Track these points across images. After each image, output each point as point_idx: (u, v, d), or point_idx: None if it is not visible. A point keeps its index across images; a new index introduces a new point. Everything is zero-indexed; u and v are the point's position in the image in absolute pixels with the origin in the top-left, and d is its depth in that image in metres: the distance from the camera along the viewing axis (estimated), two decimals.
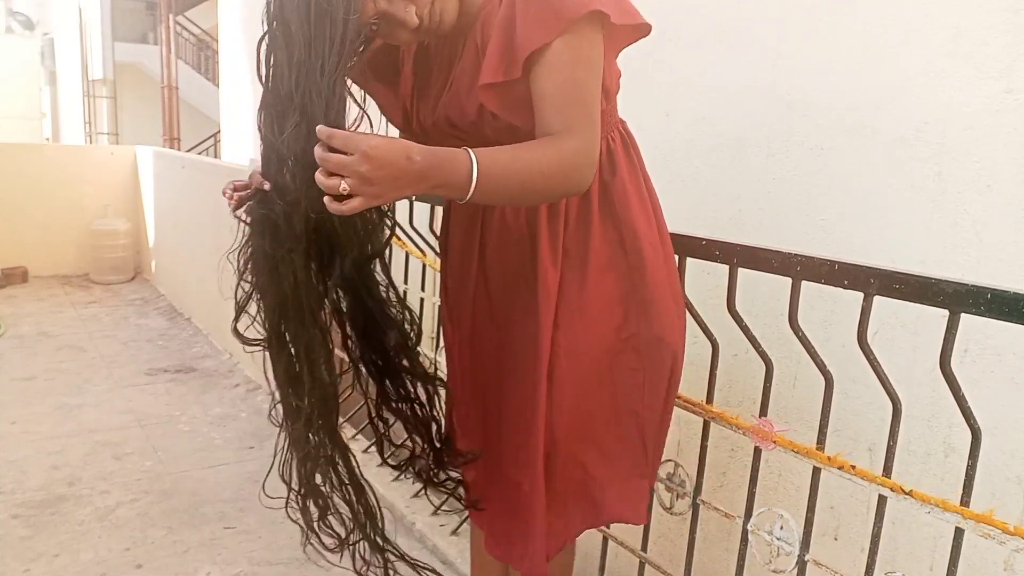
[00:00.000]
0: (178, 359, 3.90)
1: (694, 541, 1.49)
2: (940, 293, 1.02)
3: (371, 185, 0.87)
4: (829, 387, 1.24)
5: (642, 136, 1.26)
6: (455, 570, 2.04)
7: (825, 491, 1.34)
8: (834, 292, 1.16)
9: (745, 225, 1.78)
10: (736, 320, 1.34)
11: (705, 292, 1.53)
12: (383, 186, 0.88)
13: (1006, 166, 1.36)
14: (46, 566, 2.02)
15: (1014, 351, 1.36)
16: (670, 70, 1.95)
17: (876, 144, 1.54)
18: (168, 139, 7.63)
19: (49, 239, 5.58)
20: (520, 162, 0.97)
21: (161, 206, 5.31)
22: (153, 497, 2.39)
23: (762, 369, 1.33)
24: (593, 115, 1.04)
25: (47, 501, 2.35)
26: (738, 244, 1.28)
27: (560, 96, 1.01)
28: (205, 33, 13.43)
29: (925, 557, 1.49)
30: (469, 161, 0.92)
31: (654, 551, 1.68)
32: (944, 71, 1.43)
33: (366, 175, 0.86)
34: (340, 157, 0.86)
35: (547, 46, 1.00)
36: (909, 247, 1.50)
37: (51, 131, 15.63)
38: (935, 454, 1.47)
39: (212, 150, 12.00)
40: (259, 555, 2.08)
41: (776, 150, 1.71)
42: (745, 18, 1.77)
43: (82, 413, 3.10)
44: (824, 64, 1.62)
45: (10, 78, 12.95)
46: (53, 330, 4.29)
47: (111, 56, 12.32)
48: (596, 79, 1.05)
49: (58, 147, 8.37)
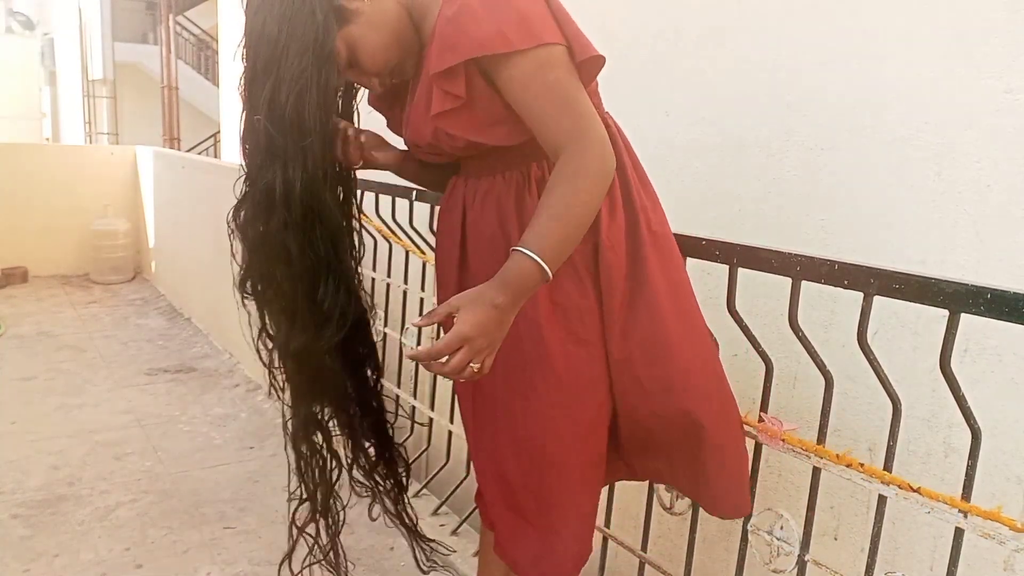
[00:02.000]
0: (178, 359, 3.90)
1: (694, 541, 1.49)
2: (940, 293, 1.02)
3: (489, 346, 0.98)
4: (829, 387, 1.24)
5: (642, 136, 1.26)
6: (455, 570, 2.04)
7: (825, 491, 1.34)
8: (834, 292, 1.16)
9: (745, 225, 1.78)
10: (736, 320, 1.33)
11: (705, 292, 1.53)
12: (492, 337, 0.98)
13: (1006, 166, 1.36)
14: (46, 566, 2.01)
15: (1014, 351, 1.36)
16: (670, 70, 1.95)
17: (876, 144, 1.54)
18: (168, 139, 7.63)
19: (49, 239, 5.58)
20: (562, 215, 1.01)
21: (161, 206, 5.31)
22: (153, 497, 2.39)
23: (762, 369, 1.33)
24: (581, 114, 1.05)
25: (47, 501, 2.35)
26: (738, 244, 1.28)
27: (544, 107, 1.04)
28: (205, 33, 13.43)
29: (925, 557, 1.49)
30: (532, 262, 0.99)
31: (654, 551, 1.68)
32: (944, 71, 1.43)
33: (482, 347, 0.97)
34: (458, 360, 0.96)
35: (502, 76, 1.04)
36: (909, 247, 1.50)
37: (51, 131, 15.62)
38: (935, 454, 1.47)
39: (212, 150, 12.00)
40: (259, 555, 2.08)
41: (776, 150, 1.71)
42: (745, 18, 1.77)
43: (82, 413, 3.10)
44: (824, 64, 1.62)
45: (10, 78, 12.95)
46: (53, 330, 4.29)
47: (111, 56, 12.31)
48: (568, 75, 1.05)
49: (58, 147, 8.37)
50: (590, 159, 1.03)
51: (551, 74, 1.03)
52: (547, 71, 1.03)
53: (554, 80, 1.04)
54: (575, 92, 1.05)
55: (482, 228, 1.20)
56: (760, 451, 1.35)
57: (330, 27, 1.06)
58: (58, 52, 14.76)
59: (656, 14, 1.98)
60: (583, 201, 1.02)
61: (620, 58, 2.19)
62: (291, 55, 1.05)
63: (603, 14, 2.08)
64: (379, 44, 1.11)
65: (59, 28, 14.44)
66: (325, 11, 1.06)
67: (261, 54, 1.08)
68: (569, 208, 1.01)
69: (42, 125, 14.44)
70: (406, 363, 2.53)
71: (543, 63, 1.03)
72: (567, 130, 1.03)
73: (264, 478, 2.58)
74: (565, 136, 1.03)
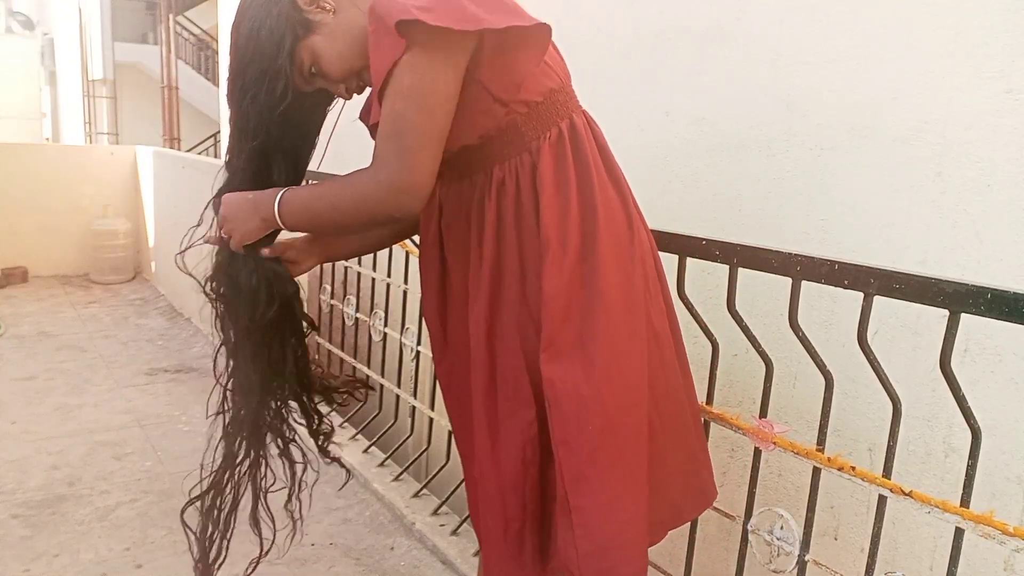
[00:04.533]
0: (178, 359, 3.90)
1: (694, 541, 1.49)
2: (940, 293, 1.02)
3: (228, 223, 1.22)
4: (829, 387, 1.24)
5: (642, 136, 1.26)
6: (455, 570, 2.04)
7: (825, 491, 1.34)
8: (834, 292, 1.16)
9: (745, 225, 1.78)
10: (736, 320, 1.34)
11: (705, 292, 1.53)
12: (236, 222, 1.21)
13: (1006, 166, 1.36)
14: (46, 566, 2.01)
15: (1014, 351, 1.36)
16: (670, 70, 1.95)
17: (876, 144, 1.54)
18: (168, 139, 7.64)
19: (49, 239, 5.58)
20: (317, 197, 1.15)
21: (161, 206, 5.31)
22: (153, 497, 2.39)
23: (762, 369, 1.33)
24: (405, 151, 1.04)
25: (47, 501, 2.35)
26: (738, 244, 1.28)
27: (382, 128, 1.07)
28: (205, 33, 13.43)
29: (925, 557, 1.49)
30: (273, 210, 1.17)
31: (654, 551, 1.68)
32: (944, 71, 1.43)
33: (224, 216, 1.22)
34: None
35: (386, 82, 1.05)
36: (909, 247, 1.50)
37: (51, 131, 15.62)
38: (935, 454, 1.47)
39: (212, 150, 12.00)
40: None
41: (776, 150, 1.71)
42: (745, 18, 1.77)
43: (82, 413, 3.10)
44: (824, 64, 1.62)
45: (10, 78, 12.94)
46: (53, 330, 4.29)
47: (111, 56, 12.31)
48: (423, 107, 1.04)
49: (58, 147, 8.37)
50: (370, 189, 1.08)
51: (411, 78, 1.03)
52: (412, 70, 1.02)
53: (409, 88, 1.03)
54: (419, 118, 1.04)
55: (455, 231, 1.21)
56: (760, 451, 1.35)
57: (285, 40, 1.13)
58: (58, 52, 14.76)
59: (656, 14, 1.98)
60: (332, 204, 1.13)
61: (620, 58, 2.20)
62: (253, 64, 1.14)
63: (604, 14, 2.08)
64: (340, 53, 1.15)
65: (59, 28, 14.44)
66: (292, 23, 1.13)
67: (232, 61, 1.18)
68: (321, 204, 1.15)
69: (42, 125, 14.43)
70: (406, 363, 2.53)
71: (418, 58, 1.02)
72: (380, 154, 1.07)
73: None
74: (377, 157, 1.07)
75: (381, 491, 2.40)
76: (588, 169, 1.13)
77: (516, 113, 1.10)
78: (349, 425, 2.79)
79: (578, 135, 1.13)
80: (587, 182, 1.12)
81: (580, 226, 1.11)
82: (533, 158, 1.11)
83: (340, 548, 2.14)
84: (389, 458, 2.58)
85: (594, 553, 1.09)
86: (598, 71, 2.08)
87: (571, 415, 1.08)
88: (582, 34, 2.13)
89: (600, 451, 1.09)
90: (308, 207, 1.16)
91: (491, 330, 1.16)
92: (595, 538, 1.10)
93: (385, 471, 2.53)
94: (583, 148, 1.13)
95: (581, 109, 1.18)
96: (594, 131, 1.17)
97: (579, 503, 1.09)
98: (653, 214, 1.22)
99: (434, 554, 2.12)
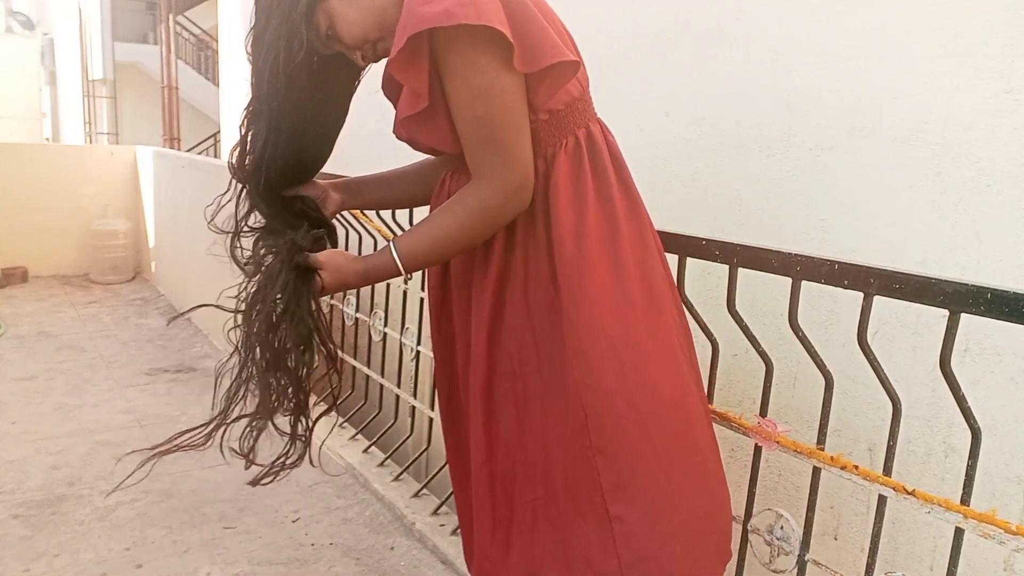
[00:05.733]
0: (178, 359, 3.90)
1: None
2: (940, 293, 1.02)
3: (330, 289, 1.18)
4: (829, 387, 1.24)
5: (642, 136, 1.26)
6: (455, 570, 2.04)
7: (825, 491, 1.34)
8: (834, 292, 1.16)
9: (745, 225, 1.78)
10: (736, 320, 1.34)
11: (705, 292, 1.53)
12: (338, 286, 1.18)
13: (1006, 166, 1.36)
14: (46, 566, 2.01)
15: (1014, 351, 1.36)
16: (670, 70, 1.95)
17: (876, 144, 1.54)
18: (168, 139, 7.63)
19: (49, 239, 5.58)
20: (438, 229, 1.12)
21: (161, 206, 5.31)
22: (153, 497, 2.39)
23: (762, 369, 1.33)
24: (504, 151, 1.06)
25: (47, 501, 2.35)
26: (738, 244, 1.28)
27: (469, 138, 1.07)
28: (205, 33, 13.42)
29: (925, 557, 1.49)
30: (395, 264, 1.14)
31: None
32: (944, 71, 1.43)
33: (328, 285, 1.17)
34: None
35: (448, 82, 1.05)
36: (909, 247, 1.50)
37: (51, 131, 15.62)
38: (935, 454, 1.48)
39: (212, 150, 12.00)
40: (259, 555, 2.08)
41: (776, 150, 1.71)
42: (745, 18, 1.77)
43: (82, 413, 3.10)
44: (824, 64, 1.62)
45: (10, 78, 12.94)
46: (53, 330, 4.29)
47: (111, 56, 12.32)
48: (503, 108, 1.05)
49: (58, 147, 8.36)
50: (489, 200, 1.08)
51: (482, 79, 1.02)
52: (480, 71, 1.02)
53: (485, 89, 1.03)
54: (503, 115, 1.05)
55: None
56: (760, 451, 1.35)
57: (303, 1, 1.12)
58: (58, 52, 14.76)
59: (656, 14, 1.98)
60: (462, 227, 1.11)
61: (620, 58, 2.20)
62: (272, 24, 1.13)
63: (604, 14, 2.08)
64: (356, 19, 1.14)
65: (59, 28, 14.44)
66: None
67: (256, 22, 1.17)
68: (447, 235, 1.11)
69: (42, 125, 14.43)
70: (406, 363, 2.53)
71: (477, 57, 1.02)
72: (481, 164, 1.07)
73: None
74: (478, 168, 1.08)
75: (381, 491, 2.40)
76: (607, 177, 1.14)
77: (538, 120, 1.11)
78: (349, 425, 2.79)
79: (595, 144, 1.14)
80: (606, 190, 1.14)
81: (600, 233, 1.12)
82: (547, 165, 1.12)
83: (340, 548, 2.15)
84: (389, 458, 2.58)
85: (636, 563, 1.09)
86: (598, 71, 2.07)
87: (608, 424, 1.09)
88: (582, 34, 2.13)
89: (640, 460, 1.09)
90: (434, 247, 1.13)
91: (492, 334, 1.17)
92: (638, 548, 1.09)
93: (385, 471, 2.53)
94: (600, 157, 1.14)
95: (597, 117, 1.19)
96: (608, 140, 1.18)
97: (619, 512, 1.09)
98: (653, 214, 1.22)
99: (434, 554, 2.12)
